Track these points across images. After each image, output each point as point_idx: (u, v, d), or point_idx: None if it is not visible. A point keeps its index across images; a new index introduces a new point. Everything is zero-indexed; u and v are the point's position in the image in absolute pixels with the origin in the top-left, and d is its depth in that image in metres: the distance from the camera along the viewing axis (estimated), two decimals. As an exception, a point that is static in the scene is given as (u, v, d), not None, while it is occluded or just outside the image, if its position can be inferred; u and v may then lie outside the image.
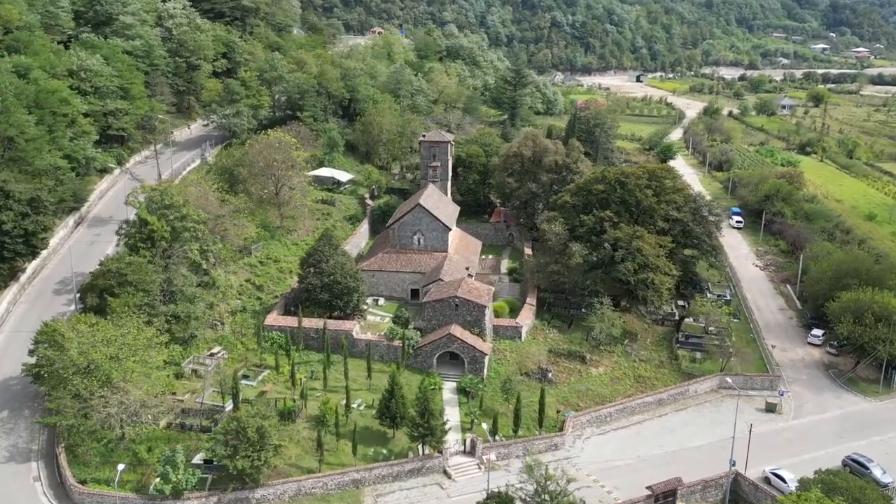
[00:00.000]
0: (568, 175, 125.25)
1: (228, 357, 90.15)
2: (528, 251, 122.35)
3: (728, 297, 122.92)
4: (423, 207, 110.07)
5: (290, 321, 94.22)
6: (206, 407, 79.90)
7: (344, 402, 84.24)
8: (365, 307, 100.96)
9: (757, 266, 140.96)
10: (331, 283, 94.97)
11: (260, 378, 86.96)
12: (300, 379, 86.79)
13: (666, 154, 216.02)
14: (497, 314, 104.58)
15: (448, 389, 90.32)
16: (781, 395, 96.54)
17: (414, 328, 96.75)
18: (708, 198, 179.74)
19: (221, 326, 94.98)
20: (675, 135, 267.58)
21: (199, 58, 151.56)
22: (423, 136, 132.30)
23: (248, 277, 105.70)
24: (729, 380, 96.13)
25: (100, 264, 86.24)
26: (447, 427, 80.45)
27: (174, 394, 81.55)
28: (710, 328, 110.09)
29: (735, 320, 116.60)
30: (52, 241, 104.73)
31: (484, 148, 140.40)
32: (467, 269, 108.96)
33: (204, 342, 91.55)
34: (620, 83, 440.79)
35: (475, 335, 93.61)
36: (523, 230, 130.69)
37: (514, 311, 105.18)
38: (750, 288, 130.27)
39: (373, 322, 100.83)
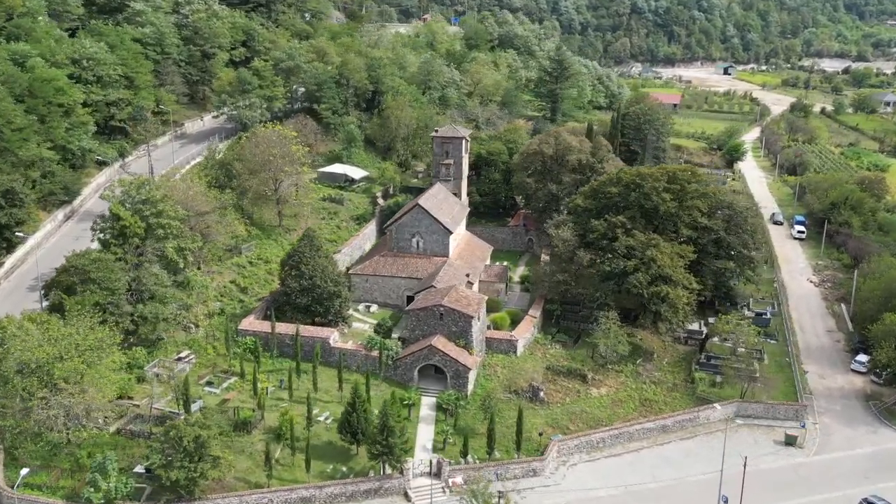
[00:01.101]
0: (592, 176, 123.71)
1: (196, 362, 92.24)
2: (544, 258, 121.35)
3: (768, 316, 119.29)
4: (423, 208, 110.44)
5: (266, 326, 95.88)
6: (162, 413, 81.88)
7: (314, 413, 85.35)
8: (349, 314, 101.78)
9: (811, 282, 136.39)
10: (310, 287, 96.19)
11: (225, 385, 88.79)
12: (265, 388, 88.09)
13: (733, 154, 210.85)
14: (497, 326, 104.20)
15: (426, 405, 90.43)
16: (802, 426, 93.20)
17: (398, 338, 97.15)
18: (774, 204, 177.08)
19: (196, 329, 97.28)
20: (753, 134, 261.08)
21: (215, 46, 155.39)
22: (436, 130, 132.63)
23: (233, 278, 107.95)
24: (716, 407, 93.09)
25: (65, 260, 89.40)
26: (410, 446, 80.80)
27: (130, 398, 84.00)
28: (739, 349, 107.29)
29: (771, 341, 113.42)
30: (38, 236, 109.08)
31: (508, 145, 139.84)
32: (467, 275, 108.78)
33: (173, 345, 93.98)
34: (705, 76, 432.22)
35: (461, 348, 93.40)
36: (543, 235, 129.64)
37: (517, 324, 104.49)
38: (798, 306, 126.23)
39: (359, 330, 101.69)
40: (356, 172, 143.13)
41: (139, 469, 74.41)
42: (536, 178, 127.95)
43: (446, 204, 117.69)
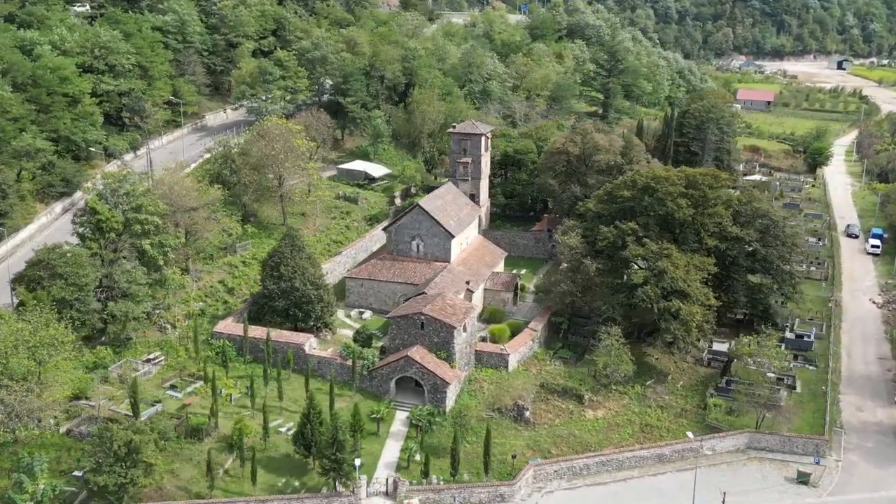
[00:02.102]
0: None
1: (165, 364, 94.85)
2: (564, 266, 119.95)
3: (811, 338, 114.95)
4: (423, 209, 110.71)
5: (252, 330, 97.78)
6: (115, 416, 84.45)
7: (275, 422, 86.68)
8: (333, 319, 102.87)
9: (874, 303, 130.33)
10: (289, 290, 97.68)
11: (189, 390, 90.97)
12: (228, 395, 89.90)
13: (815, 158, 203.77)
14: (496, 338, 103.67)
15: (400, 420, 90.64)
16: (817, 462, 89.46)
17: (381, 347, 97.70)
18: (853, 215, 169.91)
19: (172, 330, 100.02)
20: (851, 136, 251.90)
21: (240, 35, 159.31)
22: (454, 126, 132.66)
23: (222, 278, 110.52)
24: (688, 435, 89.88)
25: (34, 253, 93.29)
26: (372, 462, 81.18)
27: (87, 398, 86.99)
28: (769, 374, 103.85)
29: (810, 367, 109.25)
30: (31, 228, 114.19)
31: (540, 143, 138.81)
32: (467, 283, 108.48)
33: (144, 346, 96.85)
34: (816, 70, 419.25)
35: (442, 360, 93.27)
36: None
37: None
38: (852, 329, 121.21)
39: (344, 337, 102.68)
40: (376, 170, 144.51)
41: (77, 473, 76.93)
42: (561, 179, 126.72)
43: (454, 206, 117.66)
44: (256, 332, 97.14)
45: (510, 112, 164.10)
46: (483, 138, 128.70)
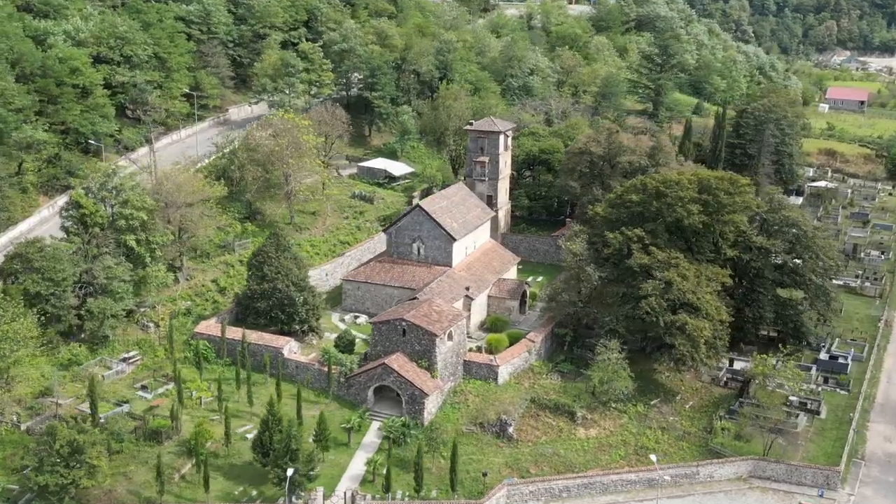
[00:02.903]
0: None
1: (141, 363, 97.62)
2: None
3: (847, 361, 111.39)
4: (424, 210, 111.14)
5: (231, 332, 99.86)
6: (80, 414, 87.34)
7: (243, 428, 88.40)
8: (318, 323, 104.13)
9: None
10: (270, 291, 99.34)
11: (160, 391, 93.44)
12: (199, 398, 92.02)
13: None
14: (493, 349, 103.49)
15: (375, 431, 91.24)
16: (820, 495, 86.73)
17: (365, 354, 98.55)
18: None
19: (155, 329, 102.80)
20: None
21: (266, 26, 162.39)
22: (470, 123, 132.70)
23: (215, 277, 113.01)
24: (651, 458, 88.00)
25: (13, 246, 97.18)
26: (337, 474, 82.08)
27: (53, 395, 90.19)
28: (791, 397, 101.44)
29: (841, 391, 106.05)
30: (31, 221, 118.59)
31: (568, 142, 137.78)
32: (467, 289, 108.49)
33: (124, 344, 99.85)
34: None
35: (423, 369, 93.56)
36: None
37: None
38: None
39: (331, 341, 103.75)
40: (397, 168, 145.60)
41: (28, 472, 79.83)
42: (583, 181, 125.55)
43: (461, 207, 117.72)
44: (236, 333, 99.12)
45: (547, 109, 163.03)
46: (502, 136, 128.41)
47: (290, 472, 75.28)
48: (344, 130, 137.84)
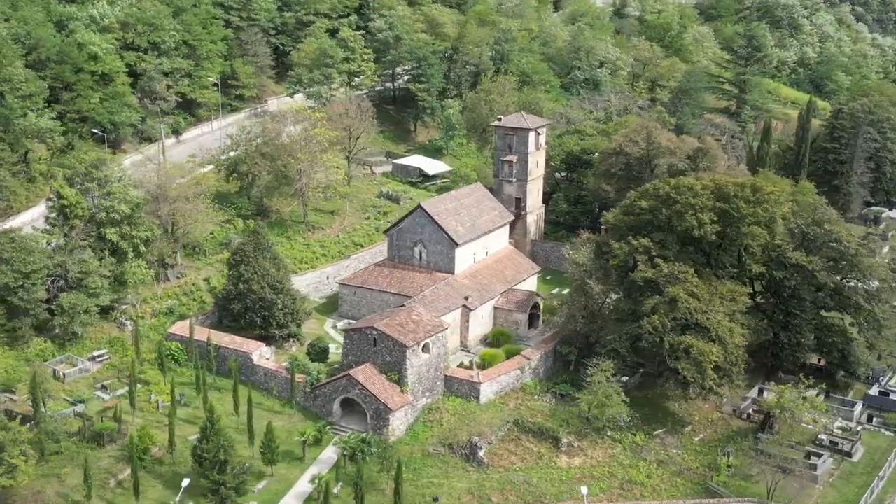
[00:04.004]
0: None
1: (107, 363, 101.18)
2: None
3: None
4: (425, 211, 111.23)
5: (202, 334, 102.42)
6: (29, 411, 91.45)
7: (195, 435, 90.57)
8: (299, 329, 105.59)
9: None
10: (245, 293, 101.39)
11: (120, 392, 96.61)
12: (156, 401, 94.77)
13: None
14: (486, 364, 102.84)
15: (333, 448, 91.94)
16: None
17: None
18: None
19: (132, 327, 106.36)
20: None
21: (312, 12, 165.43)
22: (499, 119, 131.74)
23: (208, 276, 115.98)
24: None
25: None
26: (282, 491, 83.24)
27: (12, 391, 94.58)
28: (822, 435, 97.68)
29: (887, 432, 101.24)
30: (34, 212, 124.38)
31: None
32: (466, 298, 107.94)
33: (96, 342, 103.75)
34: None
35: (393, 382, 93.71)
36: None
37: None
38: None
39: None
40: (432, 166, 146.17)
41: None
42: (618, 184, 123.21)
43: (473, 209, 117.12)
44: (209, 335, 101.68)
45: (605, 105, 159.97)
46: (532, 134, 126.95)
47: (184, 482, 76.66)
48: (371, 124, 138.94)
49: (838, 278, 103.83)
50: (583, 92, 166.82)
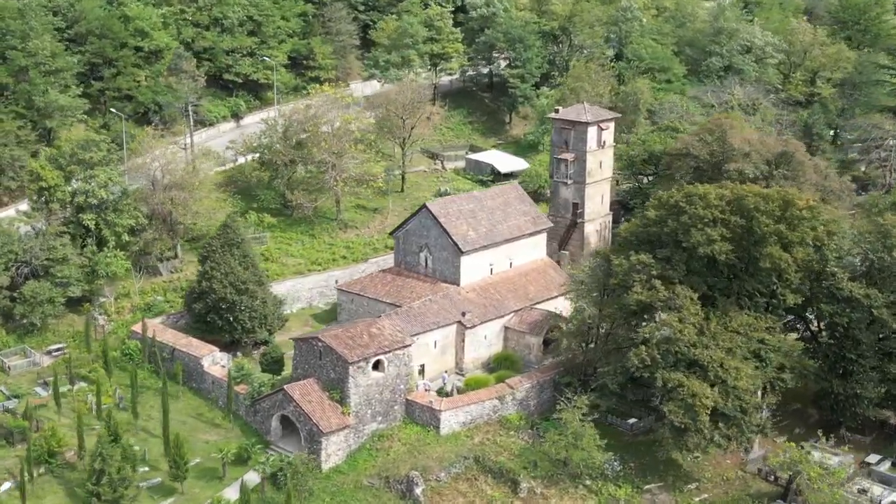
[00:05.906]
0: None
1: (62, 358, 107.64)
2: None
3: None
4: (430, 212, 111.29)
5: (168, 334, 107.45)
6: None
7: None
8: (271, 336, 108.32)
9: None
10: (207, 292, 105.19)
11: (62, 389, 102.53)
12: (87, 404, 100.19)
13: None
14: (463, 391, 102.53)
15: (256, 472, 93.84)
16: None
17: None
18: None
19: (106, 323, 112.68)
20: None
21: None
22: (556, 111, 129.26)
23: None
24: None
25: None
26: None
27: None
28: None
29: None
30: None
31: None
32: (463, 314, 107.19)
33: (60, 335, 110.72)
34: None
35: (335, 402, 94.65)
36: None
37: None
38: None
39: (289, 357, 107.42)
40: (506, 163, 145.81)
41: None
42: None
43: (497, 212, 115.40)
44: (166, 336, 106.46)
45: (727, 98, 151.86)
46: (593, 129, 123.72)
47: (2, 487, 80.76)
48: (427, 112, 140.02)
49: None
50: (718, 82, 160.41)
